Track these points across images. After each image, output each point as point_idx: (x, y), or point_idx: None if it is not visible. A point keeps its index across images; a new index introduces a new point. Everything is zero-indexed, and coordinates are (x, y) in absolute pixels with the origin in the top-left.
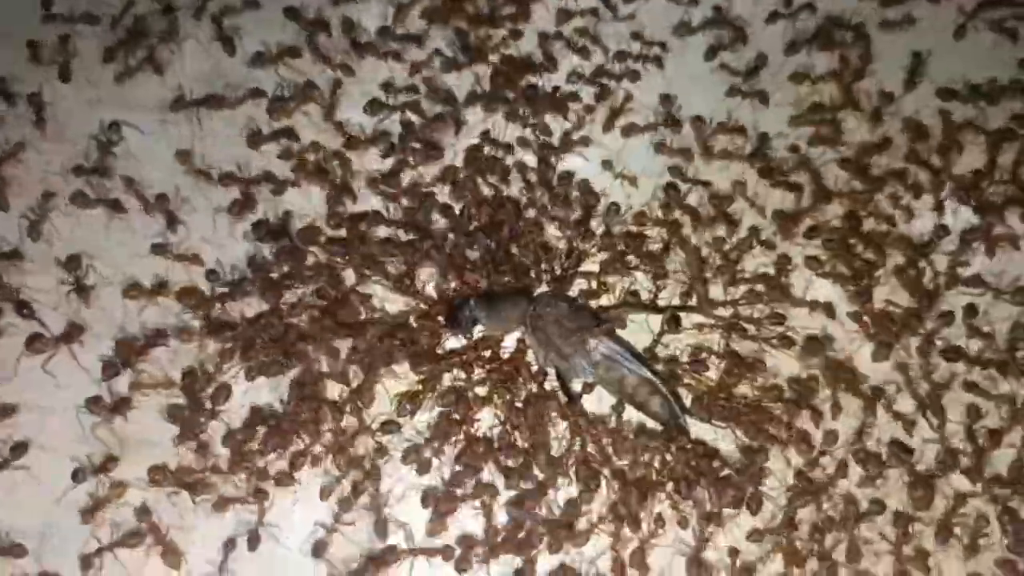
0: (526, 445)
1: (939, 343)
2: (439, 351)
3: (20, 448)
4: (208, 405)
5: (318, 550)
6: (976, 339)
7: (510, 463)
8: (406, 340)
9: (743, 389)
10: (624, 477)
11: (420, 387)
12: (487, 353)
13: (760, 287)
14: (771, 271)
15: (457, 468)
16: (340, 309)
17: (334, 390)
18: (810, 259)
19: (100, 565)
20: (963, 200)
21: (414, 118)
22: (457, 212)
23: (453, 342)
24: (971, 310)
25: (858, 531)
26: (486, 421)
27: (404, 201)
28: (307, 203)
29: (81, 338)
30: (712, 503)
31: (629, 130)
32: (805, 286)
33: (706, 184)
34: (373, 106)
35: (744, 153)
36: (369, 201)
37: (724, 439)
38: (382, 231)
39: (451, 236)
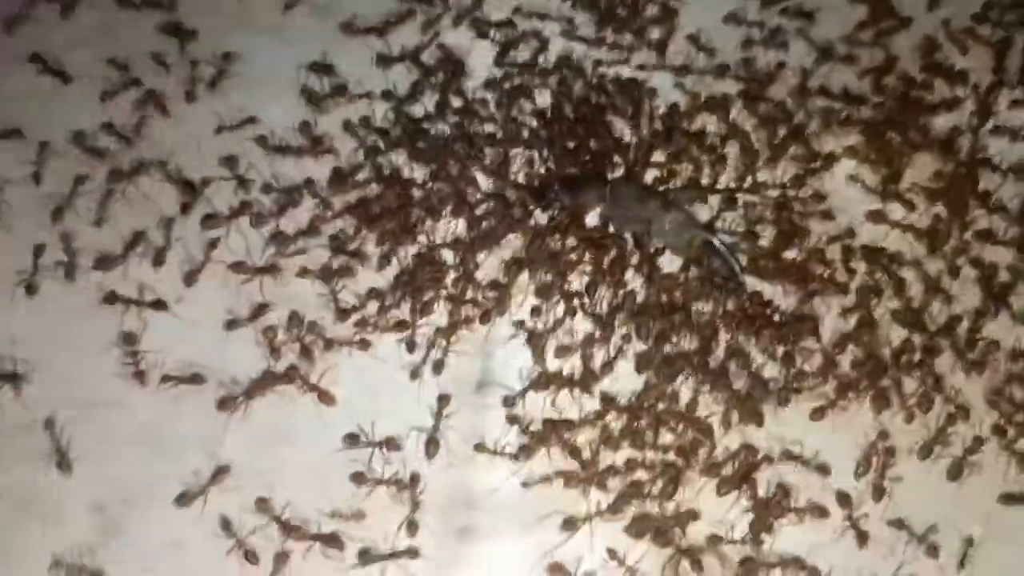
0: (611, 298)
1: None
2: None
3: None
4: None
5: (437, 368)
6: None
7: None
8: (506, 214)
9: (790, 253)
10: (691, 323)
11: (524, 253)
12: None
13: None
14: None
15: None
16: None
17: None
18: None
19: None
20: None
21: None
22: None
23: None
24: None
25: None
26: (576, 282)
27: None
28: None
29: None
30: (769, 344)
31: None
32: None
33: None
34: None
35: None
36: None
37: (776, 295)
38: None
39: (542, 131)
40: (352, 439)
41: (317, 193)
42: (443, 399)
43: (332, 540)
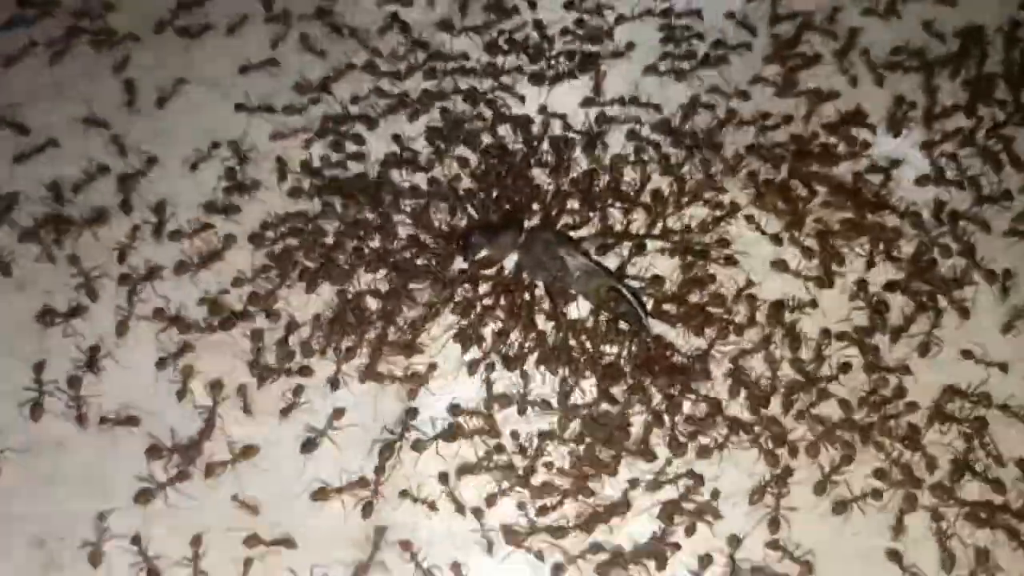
0: (522, 341)
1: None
2: (449, 272)
3: None
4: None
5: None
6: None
7: (510, 354)
8: (426, 262)
9: (693, 298)
10: (596, 364)
11: (436, 301)
12: (490, 272)
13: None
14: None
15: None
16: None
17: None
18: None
19: None
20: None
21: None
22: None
23: (461, 264)
24: None
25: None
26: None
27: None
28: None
29: None
30: (666, 384)
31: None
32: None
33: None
34: None
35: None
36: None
37: (677, 336)
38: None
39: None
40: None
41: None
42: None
43: None
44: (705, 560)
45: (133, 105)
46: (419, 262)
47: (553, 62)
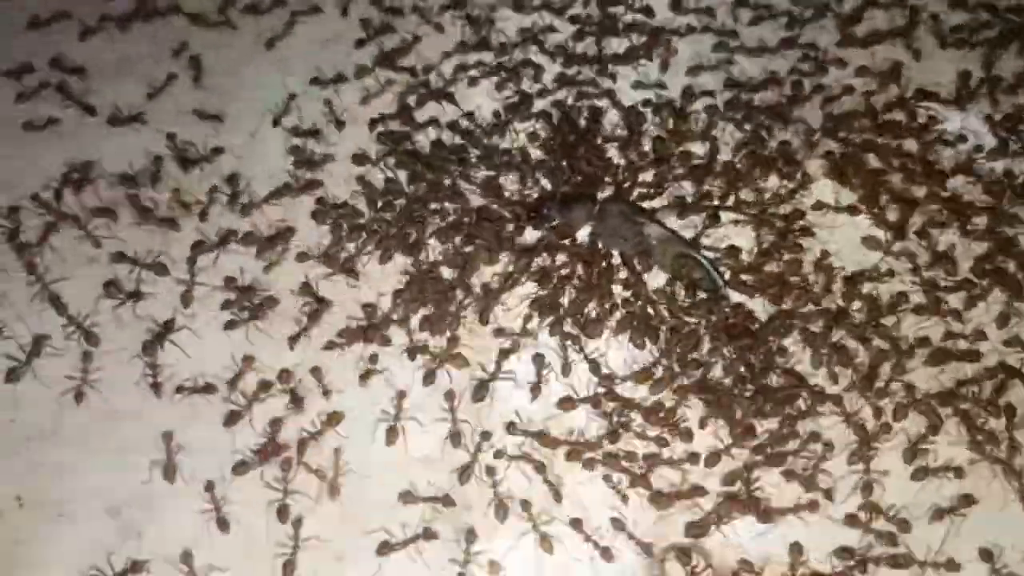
0: (599, 309)
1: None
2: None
3: None
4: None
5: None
6: None
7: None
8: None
9: (770, 268)
10: (678, 331)
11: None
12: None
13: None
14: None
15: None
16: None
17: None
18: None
19: None
20: None
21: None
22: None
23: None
24: None
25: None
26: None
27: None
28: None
29: None
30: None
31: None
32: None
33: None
34: None
35: None
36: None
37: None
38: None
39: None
40: None
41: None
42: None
43: None
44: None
45: (199, 81)
46: (492, 231)
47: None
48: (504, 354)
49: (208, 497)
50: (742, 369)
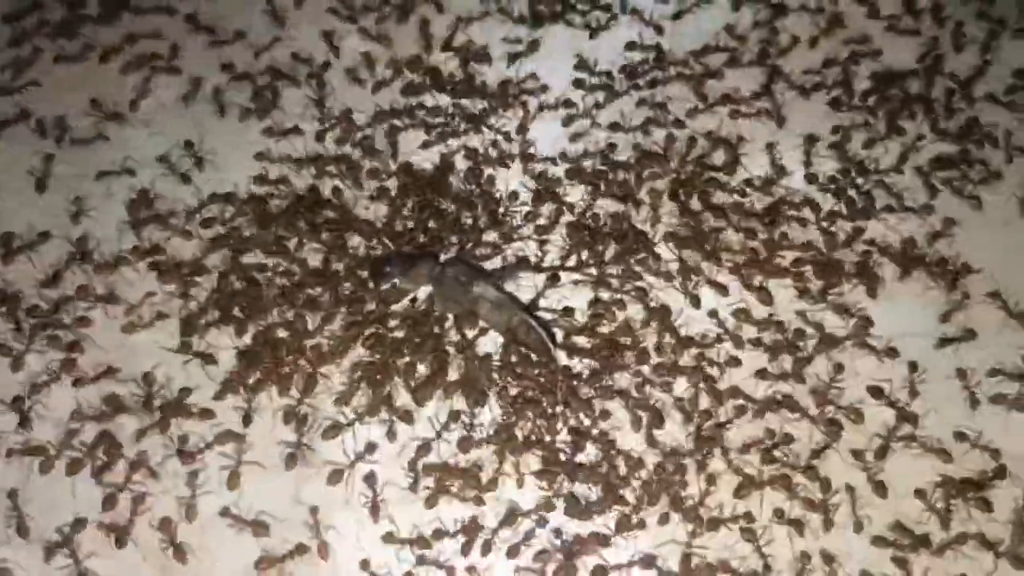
0: (429, 372)
1: None
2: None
3: None
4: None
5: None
6: None
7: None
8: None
9: (603, 329)
10: (506, 394)
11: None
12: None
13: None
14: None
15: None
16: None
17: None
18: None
19: None
20: None
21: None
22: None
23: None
24: None
25: None
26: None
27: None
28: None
29: None
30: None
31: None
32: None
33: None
34: None
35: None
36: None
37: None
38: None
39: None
40: None
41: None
42: None
43: None
44: None
45: None
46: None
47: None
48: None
49: None
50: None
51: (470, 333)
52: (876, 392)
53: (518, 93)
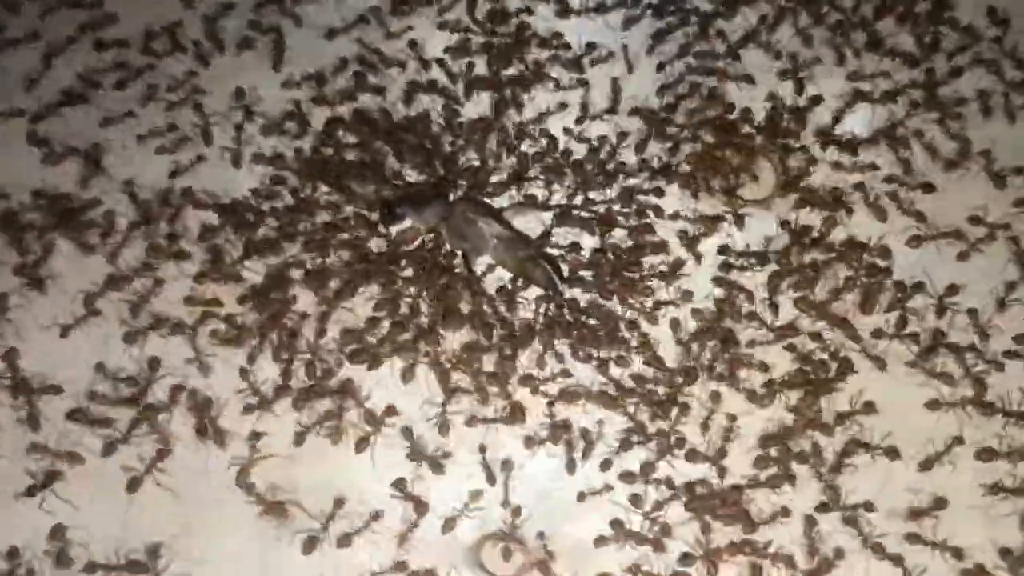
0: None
1: None
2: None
3: None
4: None
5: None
6: None
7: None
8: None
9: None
10: (512, 327)
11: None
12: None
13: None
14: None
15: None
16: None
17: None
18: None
19: None
20: None
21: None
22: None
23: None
24: None
25: None
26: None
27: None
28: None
29: None
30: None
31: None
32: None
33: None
34: None
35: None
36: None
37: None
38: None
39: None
40: None
41: None
42: None
43: None
44: None
45: None
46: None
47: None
48: None
49: None
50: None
51: (478, 270)
52: None
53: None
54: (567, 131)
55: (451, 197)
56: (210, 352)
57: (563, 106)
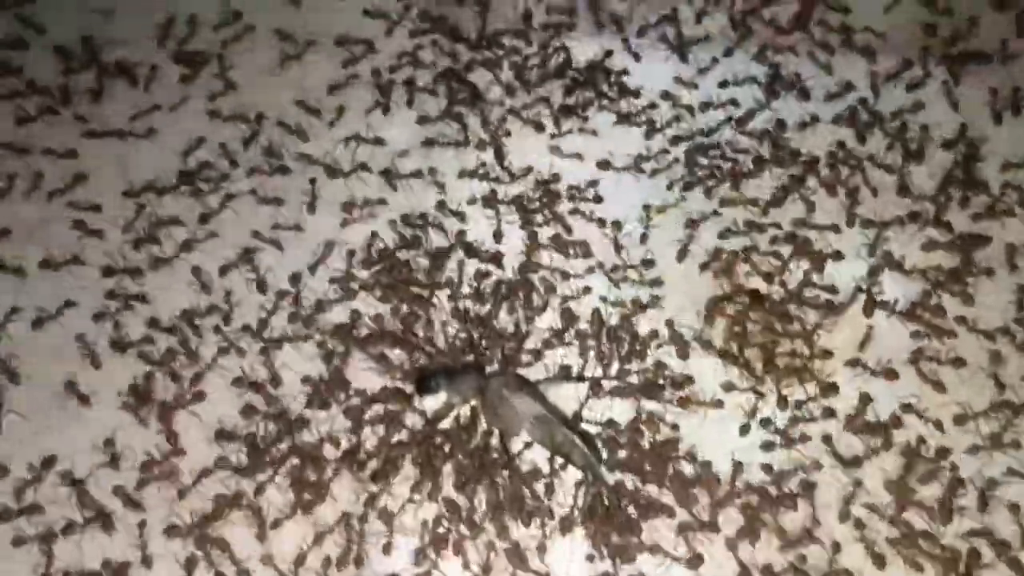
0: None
1: None
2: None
3: None
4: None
5: None
6: None
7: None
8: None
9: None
10: (551, 512)
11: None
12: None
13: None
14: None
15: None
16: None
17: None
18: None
19: None
20: None
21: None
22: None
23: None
24: None
25: None
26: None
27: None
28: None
29: None
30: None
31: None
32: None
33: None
34: None
35: None
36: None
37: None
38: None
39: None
40: None
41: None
42: None
43: None
44: None
45: None
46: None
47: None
48: None
49: None
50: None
51: (514, 448)
52: None
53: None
54: (603, 299)
55: (486, 370)
56: None
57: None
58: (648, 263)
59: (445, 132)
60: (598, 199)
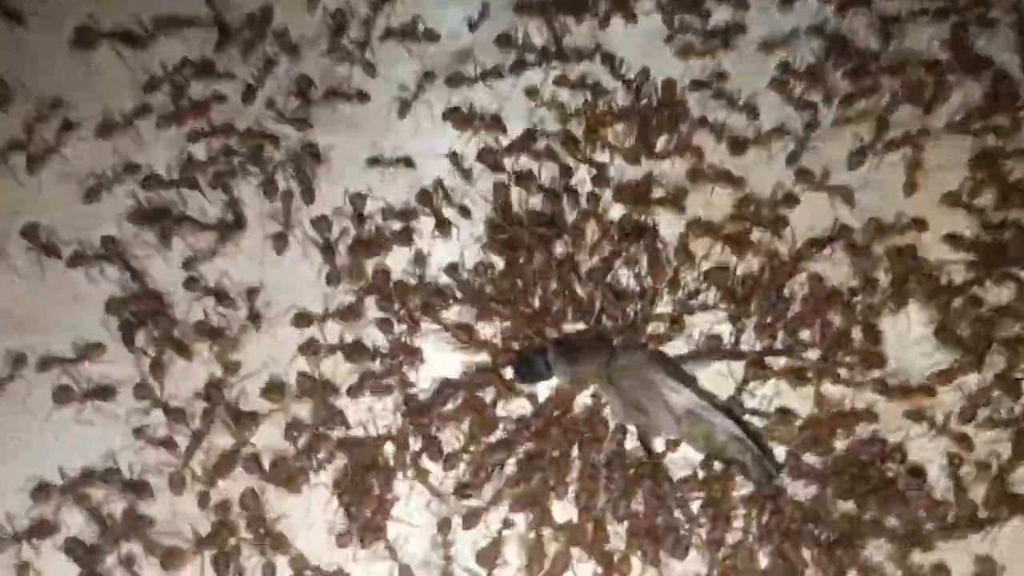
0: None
1: None
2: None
3: None
4: None
5: None
6: None
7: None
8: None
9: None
10: (718, 544)
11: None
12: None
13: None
14: None
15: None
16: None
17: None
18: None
19: None
20: None
21: None
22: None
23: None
24: None
25: None
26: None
27: None
28: None
29: None
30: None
31: None
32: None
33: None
34: None
35: None
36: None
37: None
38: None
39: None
40: None
41: None
42: None
43: None
44: None
45: None
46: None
47: None
48: None
49: None
50: None
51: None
52: None
53: None
54: None
55: (614, 343)
56: None
57: None
58: None
59: None
60: None
